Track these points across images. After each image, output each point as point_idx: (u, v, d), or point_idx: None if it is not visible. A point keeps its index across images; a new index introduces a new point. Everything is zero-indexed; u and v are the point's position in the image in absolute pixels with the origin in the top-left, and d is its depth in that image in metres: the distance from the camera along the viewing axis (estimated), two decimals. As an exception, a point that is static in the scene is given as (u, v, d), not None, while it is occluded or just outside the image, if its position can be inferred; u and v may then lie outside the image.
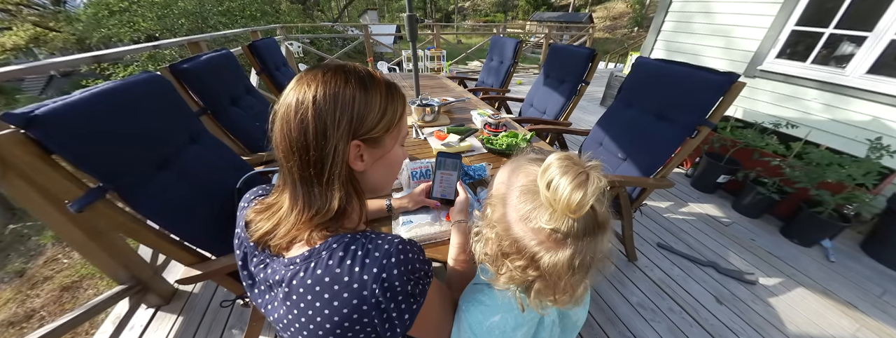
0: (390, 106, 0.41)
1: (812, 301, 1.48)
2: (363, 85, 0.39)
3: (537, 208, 0.36)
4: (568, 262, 0.35)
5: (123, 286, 1.31)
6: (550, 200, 0.34)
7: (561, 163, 0.35)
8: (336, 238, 0.39)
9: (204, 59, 1.29)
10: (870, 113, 2.08)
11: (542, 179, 0.35)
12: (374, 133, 0.40)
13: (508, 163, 0.46)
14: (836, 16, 2.24)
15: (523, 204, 0.38)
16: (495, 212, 0.41)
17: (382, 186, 0.49)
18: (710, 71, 1.17)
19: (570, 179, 0.33)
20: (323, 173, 0.38)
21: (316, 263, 0.38)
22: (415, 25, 1.47)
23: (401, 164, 0.49)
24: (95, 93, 0.69)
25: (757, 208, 2.02)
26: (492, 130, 1.38)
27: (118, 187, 0.67)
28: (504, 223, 0.39)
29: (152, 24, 8.01)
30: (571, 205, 0.33)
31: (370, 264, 0.36)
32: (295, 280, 0.38)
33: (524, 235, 0.37)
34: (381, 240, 0.39)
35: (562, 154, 0.36)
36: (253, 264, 0.45)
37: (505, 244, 0.39)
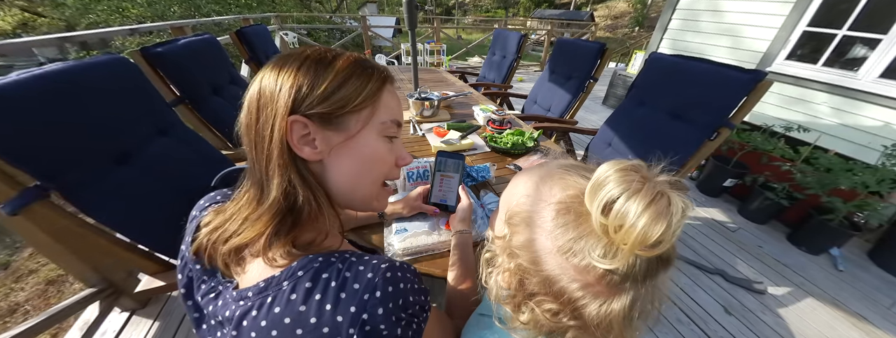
0: (353, 80, 0.32)
1: (822, 312, 1.43)
2: (320, 59, 0.32)
3: (585, 239, 0.26)
4: (625, 312, 0.26)
5: (93, 289, 1.21)
6: (610, 231, 0.24)
7: (624, 177, 0.24)
8: (303, 262, 0.30)
9: (182, 43, 1.18)
10: (882, 118, 2.03)
11: (595, 197, 0.25)
12: (323, 107, 0.31)
13: (531, 170, 0.36)
14: (850, 17, 2.17)
15: (562, 231, 0.27)
16: (518, 236, 0.31)
17: (354, 192, 0.37)
18: (733, 68, 1.09)
19: (644, 203, 0.23)
20: (261, 155, 0.32)
21: (274, 297, 0.29)
22: (414, 12, 1.36)
23: (381, 163, 0.37)
24: (36, 75, 0.58)
25: (764, 214, 1.96)
26: (495, 126, 1.29)
27: (62, 186, 0.57)
28: (531, 253, 0.29)
29: (142, 11, 7.75)
30: (648, 240, 0.22)
31: (346, 300, 0.28)
32: (245, 321, 0.29)
33: (562, 273, 0.27)
34: (363, 265, 0.30)
35: (620, 163, 0.26)
36: (200, 292, 0.36)
37: (532, 282, 0.29)
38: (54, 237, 0.99)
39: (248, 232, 0.31)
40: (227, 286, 0.34)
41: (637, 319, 0.27)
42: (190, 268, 0.37)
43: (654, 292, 0.27)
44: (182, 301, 0.38)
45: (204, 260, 0.35)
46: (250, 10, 8.47)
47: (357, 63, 0.34)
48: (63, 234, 0.90)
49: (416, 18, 1.39)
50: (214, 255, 0.34)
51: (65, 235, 0.91)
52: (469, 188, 0.85)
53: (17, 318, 2.05)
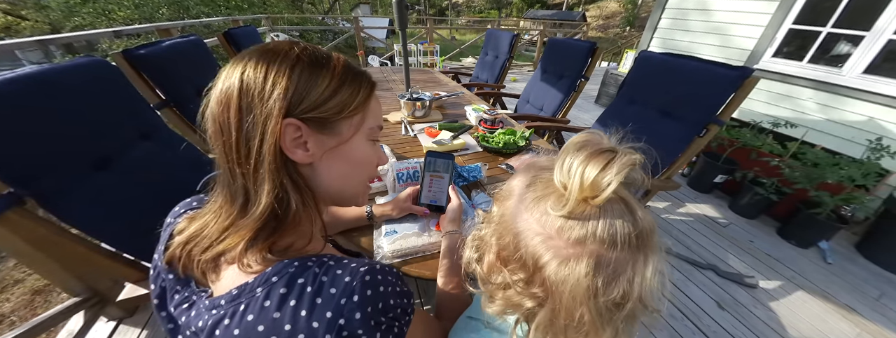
0: (347, 87, 0.32)
1: (813, 305, 1.45)
2: (313, 60, 0.30)
3: (548, 195, 0.28)
4: (587, 278, 0.25)
5: (77, 299, 1.17)
6: (562, 181, 0.27)
7: (578, 138, 0.28)
8: (278, 267, 0.29)
9: (166, 45, 1.15)
10: (866, 113, 2.07)
11: (558, 160, 0.28)
12: (319, 113, 0.31)
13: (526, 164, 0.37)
14: (833, 15, 2.22)
15: (531, 192, 0.30)
16: (500, 207, 0.33)
17: (343, 192, 0.38)
18: (721, 65, 1.10)
19: (587, 151, 0.26)
20: (249, 159, 0.30)
21: (247, 304, 0.27)
22: (405, 13, 1.36)
23: (369, 165, 0.39)
24: (9, 78, 0.56)
25: (754, 209, 1.99)
26: (487, 126, 1.29)
27: (36, 193, 0.55)
28: (506, 217, 0.31)
29: (130, 13, 7.62)
30: (585, 182, 0.25)
31: (323, 305, 0.27)
32: (218, 330, 0.28)
33: (527, 228, 0.28)
34: (341, 269, 0.29)
35: (582, 135, 0.29)
36: (173, 302, 0.34)
37: (503, 244, 0.31)
38: (34, 246, 0.96)
39: (228, 241, 0.30)
40: (200, 296, 0.33)
41: (603, 290, 0.25)
42: (163, 277, 0.35)
43: (629, 269, 0.25)
44: (156, 312, 0.36)
45: (177, 269, 0.33)
46: (241, 12, 8.38)
47: (347, 68, 0.33)
48: (42, 242, 0.88)
49: (407, 19, 1.38)
50: (190, 264, 0.32)
51: (44, 243, 0.89)
52: (460, 188, 0.84)
53: (3, 329, 1.99)
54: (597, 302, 0.25)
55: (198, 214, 0.35)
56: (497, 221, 0.33)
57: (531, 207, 0.29)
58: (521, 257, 0.29)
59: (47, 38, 1.33)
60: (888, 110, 1.97)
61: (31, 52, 6.12)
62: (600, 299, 0.25)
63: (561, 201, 0.27)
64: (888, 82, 1.99)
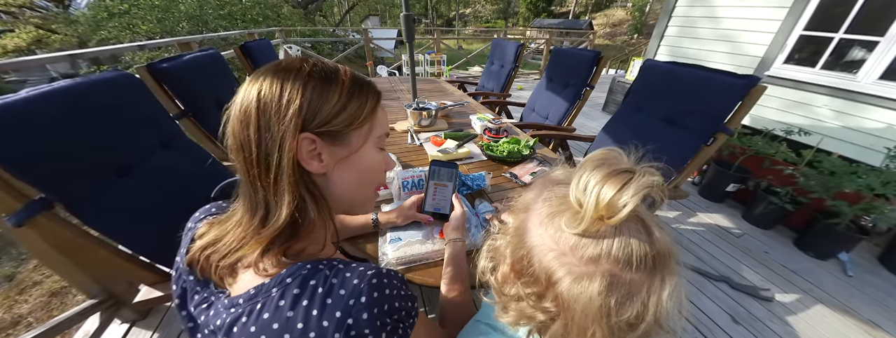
0: (355, 100, 0.34)
1: (832, 320, 1.39)
2: (322, 76, 0.33)
3: (563, 212, 0.28)
4: (600, 297, 0.25)
5: (94, 301, 1.22)
6: (578, 198, 0.27)
7: (597, 155, 0.28)
8: (292, 269, 0.31)
9: (186, 58, 1.22)
10: (884, 120, 2.01)
11: (575, 176, 0.28)
12: (332, 126, 0.33)
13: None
14: (845, 20, 2.19)
15: (546, 207, 0.30)
16: (516, 220, 0.34)
17: (354, 199, 0.40)
18: (727, 74, 1.10)
19: (604, 171, 0.26)
20: (269, 173, 0.32)
21: (263, 304, 0.29)
22: (412, 25, 1.40)
23: (378, 172, 0.41)
24: (44, 92, 0.61)
25: (769, 219, 1.93)
26: (492, 135, 1.30)
27: (65, 198, 0.59)
28: (520, 230, 0.32)
29: (152, 27, 8.02)
30: (601, 202, 0.25)
31: (332, 305, 0.28)
32: (235, 327, 0.29)
33: (541, 243, 0.29)
34: (350, 272, 0.31)
35: (601, 151, 0.29)
36: (193, 302, 0.36)
37: (517, 257, 0.31)
38: (57, 249, 1.01)
39: (247, 249, 0.32)
40: (219, 296, 0.35)
41: (616, 310, 0.25)
42: (184, 279, 0.37)
43: (645, 290, 0.25)
44: (177, 311, 0.38)
45: (197, 272, 0.36)
46: (256, 25, 8.72)
47: (354, 81, 0.35)
48: (65, 245, 0.92)
49: (414, 32, 1.43)
50: (208, 268, 0.35)
51: (67, 246, 0.93)
52: (463, 197, 0.85)
53: (20, 330, 2.05)
54: (610, 321, 0.25)
55: (218, 220, 0.37)
56: (512, 233, 0.33)
57: (546, 222, 0.29)
58: (535, 272, 0.29)
59: (79, 52, 1.42)
60: (906, 117, 1.92)
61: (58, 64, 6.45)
62: (613, 319, 0.25)
63: (576, 219, 0.27)
64: (907, 89, 1.94)
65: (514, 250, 0.32)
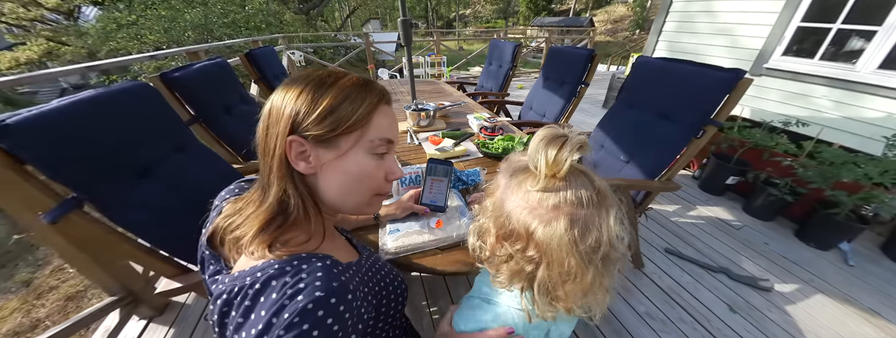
0: (346, 104, 0.37)
1: (832, 308, 1.40)
2: (320, 83, 0.37)
3: (526, 178, 0.36)
4: (567, 233, 0.32)
5: (114, 298, 1.29)
6: (533, 163, 0.35)
7: (540, 133, 0.36)
8: (264, 265, 0.34)
9: (196, 67, 1.29)
10: (884, 109, 2.01)
11: (528, 150, 0.36)
12: (316, 130, 0.36)
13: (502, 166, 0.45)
14: (843, 11, 2.19)
15: (513, 178, 0.38)
16: (491, 198, 0.40)
17: (342, 201, 0.41)
18: (714, 68, 1.12)
19: (546, 138, 0.34)
20: (267, 167, 0.38)
21: (241, 287, 0.33)
22: (409, 29, 1.45)
23: (369, 178, 0.41)
24: (73, 101, 0.68)
25: (769, 210, 1.94)
26: (488, 133, 1.35)
27: (94, 198, 0.65)
28: (498, 202, 0.39)
29: (159, 37, 8.21)
30: (549, 161, 0.33)
31: (277, 310, 0.30)
32: (218, 300, 0.34)
33: (516, 206, 0.36)
34: (304, 284, 0.32)
35: (542, 129, 0.36)
36: (208, 272, 0.42)
37: (499, 224, 0.38)
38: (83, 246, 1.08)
39: (245, 227, 0.37)
40: (226, 272, 0.40)
41: (581, 239, 0.32)
42: (202, 250, 0.42)
43: (597, 222, 0.34)
44: (202, 274, 0.44)
45: (216, 243, 0.41)
46: (259, 32, 8.88)
47: (354, 87, 0.38)
48: (91, 243, 0.99)
49: (412, 36, 1.48)
50: (223, 241, 0.39)
51: (92, 244, 1.00)
52: (459, 192, 0.90)
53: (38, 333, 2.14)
54: (578, 249, 0.33)
55: (238, 199, 0.42)
56: (491, 209, 0.40)
57: (515, 189, 0.37)
58: (515, 230, 0.36)
59: (97, 64, 1.50)
60: (906, 106, 1.91)
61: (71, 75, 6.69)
62: (580, 247, 0.33)
63: (536, 179, 0.35)
64: (906, 77, 1.94)
65: (497, 220, 0.38)
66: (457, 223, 0.75)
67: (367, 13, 20.84)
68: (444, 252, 0.72)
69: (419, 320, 1.31)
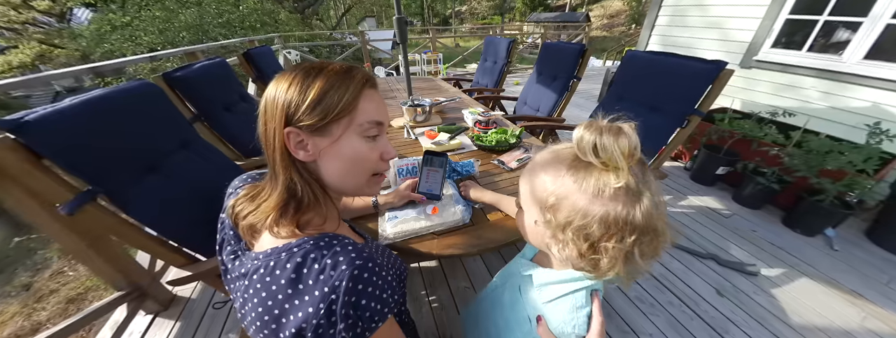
0: (332, 92, 0.38)
1: (817, 291, 1.46)
2: (306, 74, 0.39)
3: (599, 177, 0.35)
4: (653, 204, 0.35)
5: (121, 293, 1.33)
6: (606, 161, 0.34)
7: (588, 127, 0.35)
8: (299, 241, 0.38)
9: (197, 67, 1.32)
10: (869, 99, 2.06)
11: (583, 149, 0.35)
12: (309, 120, 0.38)
13: (529, 170, 0.44)
14: (829, 3, 2.23)
15: (585, 182, 0.36)
16: (560, 212, 0.38)
17: (343, 184, 0.44)
18: (698, 60, 1.17)
19: (608, 132, 0.34)
20: (269, 156, 0.41)
21: (274, 263, 0.37)
22: (404, 28, 1.49)
23: (365, 160, 0.43)
24: (85, 100, 0.71)
25: (757, 199, 2.00)
26: (482, 127, 1.39)
27: (108, 191, 0.69)
28: (577, 213, 0.36)
29: (154, 38, 8.18)
30: (625, 152, 0.33)
31: (323, 281, 0.34)
32: (255, 275, 0.37)
33: (604, 207, 0.35)
34: (343, 256, 0.36)
35: (581, 125, 0.37)
36: (225, 252, 0.45)
37: (593, 231, 0.36)
38: (90, 245, 1.12)
39: (259, 214, 0.40)
40: (245, 251, 0.44)
41: (661, 205, 0.36)
42: (225, 232, 0.46)
43: (656, 187, 0.36)
44: (217, 255, 0.48)
45: (236, 228, 0.44)
46: (254, 32, 8.85)
47: (337, 75, 0.39)
48: (101, 240, 1.03)
49: (407, 34, 1.51)
50: (238, 223, 0.43)
51: (102, 241, 1.04)
52: (454, 182, 0.94)
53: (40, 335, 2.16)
54: (660, 212, 0.36)
55: (254, 185, 0.45)
56: (572, 220, 0.37)
57: (598, 190, 0.35)
58: (614, 226, 0.35)
59: (98, 65, 1.52)
60: (891, 94, 1.96)
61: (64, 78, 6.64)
62: (662, 209, 0.37)
63: (617, 175, 0.34)
64: (890, 67, 1.99)
65: (586, 230, 0.36)
66: (451, 210, 0.80)
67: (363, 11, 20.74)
68: (439, 237, 0.76)
69: (419, 309, 1.36)
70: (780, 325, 1.29)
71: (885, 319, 1.33)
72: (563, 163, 0.38)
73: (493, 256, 1.62)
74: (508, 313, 0.51)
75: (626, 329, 1.26)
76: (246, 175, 0.52)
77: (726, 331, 1.27)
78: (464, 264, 1.58)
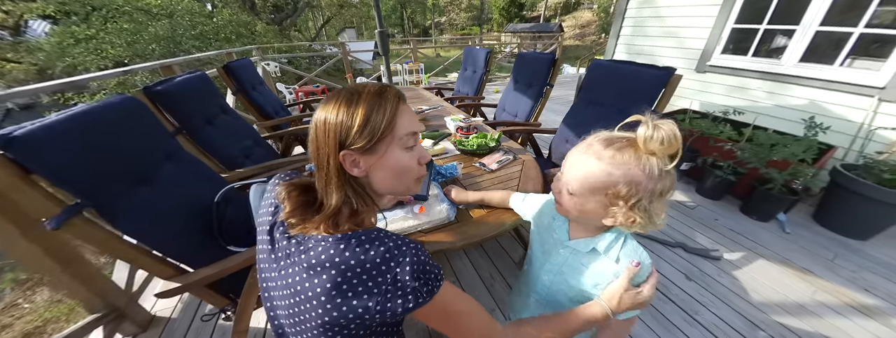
0: (374, 116, 0.44)
1: (772, 270, 1.60)
2: (348, 101, 0.45)
3: (656, 162, 0.46)
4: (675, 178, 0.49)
5: (97, 315, 1.28)
6: (668, 149, 0.45)
7: (656, 128, 0.45)
8: (364, 231, 0.44)
9: (177, 81, 1.33)
10: (806, 97, 2.31)
11: (657, 140, 0.44)
12: (360, 142, 0.44)
13: (581, 167, 0.52)
14: (767, 13, 2.50)
15: (647, 167, 0.46)
16: (628, 193, 0.48)
17: (394, 190, 0.51)
18: (651, 67, 1.30)
19: (657, 128, 0.44)
20: (323, 176, 0.46)
21: (345, 245, 0.42)
22: (386, 40, 1.57)
23: (409, 169, 0.49)
24: (71, 115, 0.73)
25: (717, 191, 2.17)
26: (463, 133, 1.46)
27: (96, 204, 0.70)
28: (644, 190, 0.47)
29: (121, 51, 7.85)
30: (677, 141, 0.44)
31: (391, 256, 0.41)
32: (324, 255, 0.41)
33: (660, 182, 0.47)
34: (401, 241, 0.43)
35: (644, 124, 0.46)
36: (279, 232, 0.49)
37: (643, 202, 0.48)
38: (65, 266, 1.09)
39: (311, 225, 0.45)
40: (299, 236, 0.46)
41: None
42: (276, 219, 0.50)
43: None
44: (260, 236, 0.52)
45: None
46: (230, 44, 8.69)
47: (375, 99, 0.45)
48: (75, 262, 1.01)
49: (388, 45, 1.59)
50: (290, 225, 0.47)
51: (76, 263, 1.02)
52: (439, 184, 1.00)
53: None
54: None
55: (290, 184, 0.50)
56: (633, 194, 0.47)
57: (649, 171, 0.46)
58: (662, 194, 0.48)
59: (59, 82, 1.46)
60: (824, 92, 2.22)
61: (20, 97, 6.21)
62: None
63: (670, 157, 0.46)
64: (821, 68, 2.24)
65: (641, 202, 0.48)
66: (437, 208, 0.85)
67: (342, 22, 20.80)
68: (427, 234, 0.82)
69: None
70: (742, 303, 1.42)
71: (832, 291, 1.48)
72: (623, 154, 0.47)
73: (481, 257, 1.68)
74: (582, 287, 0.60)
75: (606, 317, 1.34)
76: (282, 174, 0.56)
77: (696, 312, 1.37)
78: (452, 265, 1.62)
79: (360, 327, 0.42)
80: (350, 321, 0.41)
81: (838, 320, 1.34)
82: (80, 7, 8.28)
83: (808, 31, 2.29)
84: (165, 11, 8.66)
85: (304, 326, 0.43)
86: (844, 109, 2.14)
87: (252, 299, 0.91)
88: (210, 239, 0.94)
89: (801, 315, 1.36)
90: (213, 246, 0.93)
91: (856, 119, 2.07)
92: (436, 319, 0.46)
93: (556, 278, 0.64)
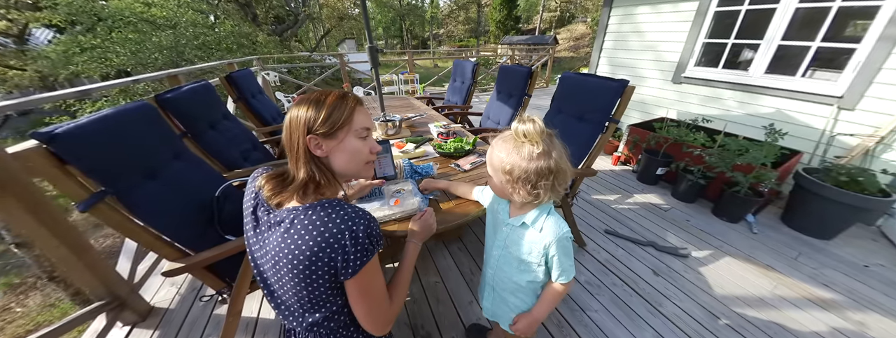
0: (336, 112, 0.58)
1: (736, 267, 1.71)
2: (315, 104, 0.58)
3: (528, 148, 0.62)
4: (558, 156, 0.63)
5: (101, 302, 1.37)
6: (529, 138, 0.62)
7: (518, 122, 0.63)
8: (327, 201, 0.56)
9: (185, 89, 1.47)
10: (772, 105, 2.47)
11: (518, 134, 0.62)
12: (322, 129, 0.57)
13: (490, 153, 0.69)
14: (734, 29, 2.70)
15: (520, 151, 0.62)
16: (513, 172, 0.63)
17: (348, 170, 0.62)
18: (609, 80, 1.46)
19: (526, 123, 0.61)
20: (293, 156, 0.58)
21: (312, 211, 0.54)
22: (376, 55, 1.72)
23: (361, 153, 0.62)
24: (99, 117, 0.87)
25: (690, 194, 2.30)
26: (444, 137, 1.60)
27: (117, 192, 0.82)
28: (524, 169, 0.62)
29: (125, 60, 8.05)
30: (535, 131, 0.61)
31: (347, 220, 0.53)
32: (296, 220, 0.53)
33: (535, 162, 0.62)
34: (352, 209, 0.56)
35: (517, 120, 0.63)
36: (261, 211, 0.61)
37: (531, 178, 0.62)
38: (79, 255, 1.20)
39: (286, 195, 0.58)
40: (273, 210, 0.59)
41: (562, 158, 0.63)
42: (259, 200, 0.61)
43: (560, 150, 0.63)
44: (246, 217, 0.63)
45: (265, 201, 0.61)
46: (231, 54, 8.94)
47: (337, 100, 0.58)
48: (85, 251, 1.12)
49: (378, 59, 1.74)
50: (269, 199, 0.60)
51: (85, 252, 1.13)
52: (415, 182, 1.13)
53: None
54: (563, 160, 0.64)
55: (270, 177, 0.62)
56: (518, 176, 0.63)
57: (525, 155, 0.61)
58: (538, 175, 0.62)
59: (73, 91, 1.56)
60: (789, 101, 2.38)
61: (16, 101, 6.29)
62: (563, 160, 0.64)
63: (533, 146, 0.61)
64: (785, 79, 2.41)
65: (525, 178, 0.63)
66: (410, 201, 0.97)
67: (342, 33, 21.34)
68: (399, 222, 0.94)
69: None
70: (705, 297, 1.52)
71: (792, 286, 1.59)
72: (508, 144, 0.64)
73: (464, 256, 1.78)
74: (521, 256, 0.73)
75: (575, 308, 1.44)
76: (261, 167, 0.69)
77: (660, 304, 1.47)
78: (435, 262, 1.72)
79: (327, 281, 0.54)
80: (321, 274, 0.52)
81: (795, 312, 1.44)
82: (87, 18, 8.53)
83: (772, 45, 2.48)
84: (169, 22, 8.93)
85: (284, 280, 0.55)
86: (808, 116, 2.30)
87: (246, 282, 1.02)
88: (210, 228, 1.05)
89: (761, 308, 1.46)
90: (213, 235, 1.05)
91: (818, 126, 2.23)
92: (366, 274, 0.55)
93: (502, 252, 0.77)
